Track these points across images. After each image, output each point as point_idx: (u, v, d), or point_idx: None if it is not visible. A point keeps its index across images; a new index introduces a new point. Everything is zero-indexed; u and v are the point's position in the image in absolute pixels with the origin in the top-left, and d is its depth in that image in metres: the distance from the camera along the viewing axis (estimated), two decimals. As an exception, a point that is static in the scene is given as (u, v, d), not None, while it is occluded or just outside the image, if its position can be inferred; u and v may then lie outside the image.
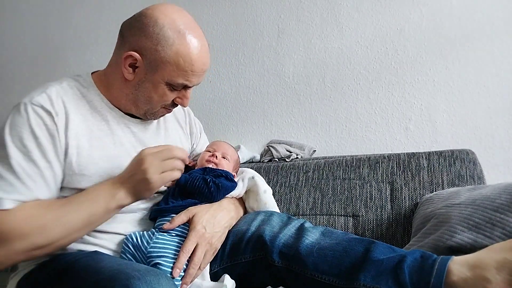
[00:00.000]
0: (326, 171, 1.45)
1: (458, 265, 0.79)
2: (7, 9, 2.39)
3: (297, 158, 1.61)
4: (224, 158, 1.11)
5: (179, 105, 1.01)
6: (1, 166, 0.85)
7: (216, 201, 1.02)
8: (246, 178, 1.10)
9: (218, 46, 1.90)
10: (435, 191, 1.28)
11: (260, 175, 1.50)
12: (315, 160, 1.53)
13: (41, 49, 2.25)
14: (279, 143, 1.67)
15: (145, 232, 0.95)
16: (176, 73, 0.90)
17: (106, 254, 0.91)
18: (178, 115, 1.16)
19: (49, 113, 0.89)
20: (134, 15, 0.96)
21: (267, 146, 1.68)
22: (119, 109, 0.99)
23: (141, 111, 0.98)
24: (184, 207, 0.98)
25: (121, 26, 0.97)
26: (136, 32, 0.91)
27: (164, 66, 0.89)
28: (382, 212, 1.31)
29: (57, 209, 0.85)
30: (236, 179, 1.10)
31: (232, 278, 0.94)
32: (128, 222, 0.98)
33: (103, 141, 0.95)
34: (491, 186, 1.06)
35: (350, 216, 1.33)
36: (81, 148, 0.92)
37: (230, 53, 1.85)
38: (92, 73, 1.04)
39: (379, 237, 1.27)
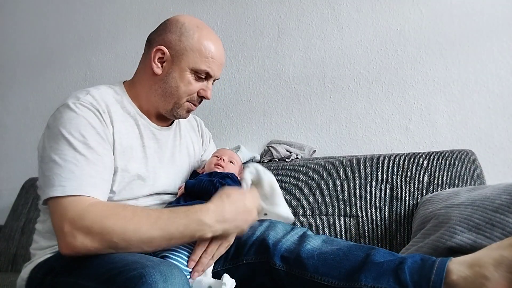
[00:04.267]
0: (326, 171, 1.45)
1: (457, 264, 0.80)
2: (7, 9, 2.39)
3: (297, 158, 1.61)
4: (231, 162, 1.17)
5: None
6: (62, 156, 0.88)
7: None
8: (247, 173, 1.10)
9: (218, 46, 1.90)
10: (435, 191, 1.28)
11: (260, 175, 1.51)
12: (315, 161, 1.53)
13: (41, 49, 2.25)
14: (279, 143, 1.67)
15: None
16: (199, 59, 1.01)
17: None
18: (192, 123, 1.27)
19: (97, 110, 0.95)
20: (157, 27, 1.08)
21: (267, 146, 1.68)
22: (146, 116, 1.07)
23: (169, 105, 1.05)
24: None
25: (147, 40, 1.08)
26: (161, 32, 1.04)
27: (188, 54, 1.00)
28: (382, 212, 1.31)
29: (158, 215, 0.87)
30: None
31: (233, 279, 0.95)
32: None
33: (135, 144, 1.02)
34: (491, 187, 1.06)
35: (350, 216, 1.33)
36: (120, 145, 0.98)
37: (230, 53, 1.85)
38: (123, 82, 1.11)
39: (379, 237, 1.28)
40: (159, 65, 1.02)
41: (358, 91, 1.66)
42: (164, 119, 1.11)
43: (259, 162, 1.66)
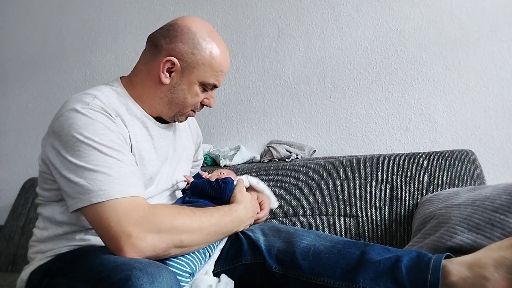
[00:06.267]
0: (326, 171, 1.45)
1: (456, 265, 0.80)
2: (8, 9, 2.39)
3: (297, 158, 1.61)
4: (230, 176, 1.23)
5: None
6: (91, 162, 0.84)
7: (225, 198, 1.07)
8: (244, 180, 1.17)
9: (218, 46, 1.90)
10: (435, 191, 1.28)
11: (260, 175, 1.52)
12: (315, 161, 1.53)
13: (41, 49, 2.25)
14: (279, 143, 1.67)
15: None
16: (209, 73, 1.01)
17: None
18: (189, 122, 1.25)
19: (109, 114, 0.93)
20: (162, 26, 1.03)
21: (267, 146, 1.68)
22: (151, 116, 1.06)
23: (172, 113, 1.05)
24: (198, 206, 1.01)
25: (151, 38, 1.04)
26: (172, 40, 0.99)
27: (199, 68, 0.99)
28: (382, 212, 1.31)
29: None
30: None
31: (232, 280, 0.96)
32: None
33: (147, 146, 1.02)
34: (491, 187, 1.06)
35: (350, 216, 1.33)
36: (136, 148, 0.98)
37: (230, 53, 1.82)
38: (121, 80, 1.08)
39: (379, 237, 1.28)
40: (168, 75, 1.00)
41: (358, 91, 1.66)
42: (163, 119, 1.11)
43: (259, 162, 1.66)
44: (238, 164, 1.64)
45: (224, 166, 1.63)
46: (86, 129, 0.87)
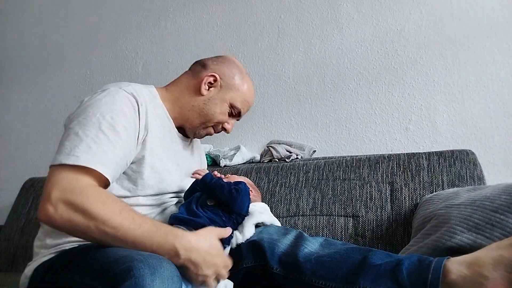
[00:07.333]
0: (326, 171, 1.45)
1: (456, 264, 0.81)
2: (8, 9, 2.39)
3: (297, 158, 1.61)
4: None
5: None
6: (86, 131, 0.89)
7: (237, 206, 1.03)
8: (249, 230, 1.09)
9: (218, 46, 1.90)
10: (435, 191, 1.28)
11: (260, 175, 1.51)
12: (315, 161, 1.53)
13: (41, 49, 2.25)
14: (279, 144, 1.67)
15: None
16: (240, 99, 1.15)
17: None
18: (199, 144, 1.35)
19: (137, 101, 1.00)
20: (211, 57, 1.20)
21: (267, 147, 1.68)
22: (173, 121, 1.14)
23: (197, 123, 1.14)
24: (202, 225, 0.96)
25: (198, 61, 1.19)
26: (219, 63, 1.17)
27: (234, 91, 1.15)
28: (382, 212, 1.31)
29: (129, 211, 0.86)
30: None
31: (234, 283, 0.96)
32: None
33: (160, 143, 1.07)
34: (490, 187, 1.06)
35: (350, 216, 1.33)
36: (151, 137, 1.03)
37: (230, 53, 1.85)
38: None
39: (379, 237, 1.28)
40: (207, 87, 1.13)
41: (358, 91, 1.66)
42: (183, 133, 1.17)
43: (259, 162, 1.66)
44: (238, 164, 1.65)
45: (224, 166, 1.63)
46: (104, 105, 0.94)
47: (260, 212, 1.15)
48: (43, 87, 2.21)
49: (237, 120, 1.21)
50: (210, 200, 1.04)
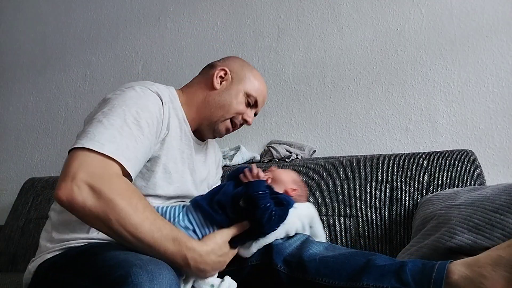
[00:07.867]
0: (326, 171, 1.45)
1: (458, 265, 0.83)
2: (8, 9, 2.39)
3: (297, 158, 1.61)
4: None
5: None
6: (111, 121, 0.89)
7: (265, 229, 0.99)
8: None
9: (218, 46, 1.90)
10: (435, 191, 1.28)
11: (260, 175, 1.51)
12: (315, 161, 1.53)
13: (41, 50, 2.25)
14: (279, 143, 1.67)
15: None
16: (255, 88, 1.17)
17: (120, 245, 0.91)
18: (215, 146, 1.36)
19: (161, 100, 1.02)
20: (219, 59, 1.23)
21: (267, 147, 1.68)
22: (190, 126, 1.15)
23: (215, 117, 1.14)
24: (218, 223, 0.96)
25: (208, 64, 1.22)
26: (226, 60, 1.21)
27: (246, 80, 1.17)
28: (382, 212, 1.31)
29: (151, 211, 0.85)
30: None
31: (236, 281, 0.96)
32: None
33: (176, 144, 1.08)
34: (491, 187, 1.06)
35: (350, 216, 1.33)
36: (170, 137, 1.04)
37: (230, 53, 1.84)
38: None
39: (379, 237, 1.28)
40: (219, 81, 1.15)
41: (358, 91, 1.66)
42: (199, 136, 1.18)
43: (259, 162, 1.66)
44: (238, 164, 1.64)
45: (224, 166, 1.63)
46: (130, 100, 0.95)
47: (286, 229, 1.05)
48: (43, 87, 2.21)
49: (256, 112, 1.21)
50: (243, 202, 0.97)
